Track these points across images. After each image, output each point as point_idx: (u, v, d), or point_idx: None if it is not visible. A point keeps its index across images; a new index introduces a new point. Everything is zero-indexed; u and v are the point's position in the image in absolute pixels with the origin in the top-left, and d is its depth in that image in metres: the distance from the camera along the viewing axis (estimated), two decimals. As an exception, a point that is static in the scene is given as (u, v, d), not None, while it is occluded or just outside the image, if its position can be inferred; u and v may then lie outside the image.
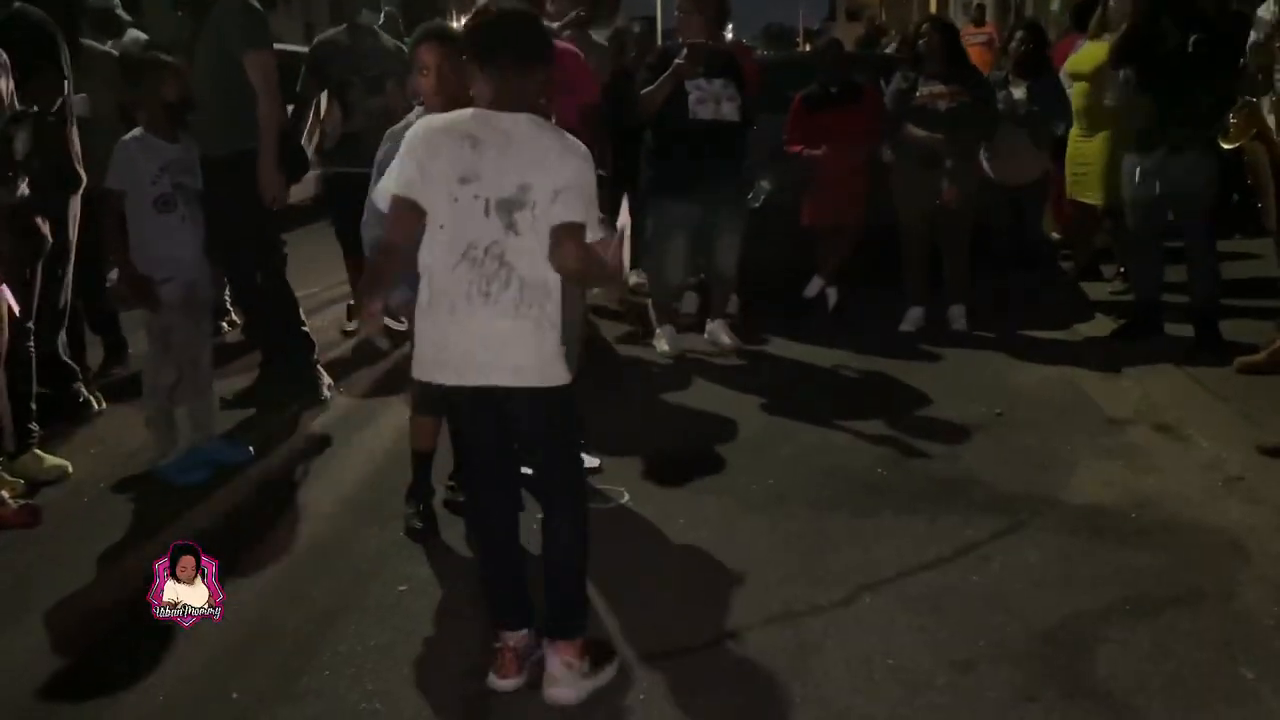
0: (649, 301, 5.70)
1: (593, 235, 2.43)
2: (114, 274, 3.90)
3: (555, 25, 5.94)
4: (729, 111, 5.12)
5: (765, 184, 5.50)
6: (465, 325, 2.39)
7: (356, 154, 4.62)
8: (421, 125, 2.47)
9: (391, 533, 3.42)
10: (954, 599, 2.98)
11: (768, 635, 2.82)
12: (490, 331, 2.38)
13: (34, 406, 3.96)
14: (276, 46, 4.57)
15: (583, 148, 2.45)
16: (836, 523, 3.48)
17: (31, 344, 3.91)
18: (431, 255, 2.41)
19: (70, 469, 3.96)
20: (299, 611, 3.01)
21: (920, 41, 5.65)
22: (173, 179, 3.78)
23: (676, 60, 5.03)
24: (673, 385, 4.99)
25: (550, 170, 2.37)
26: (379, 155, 3.13)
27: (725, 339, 5.49)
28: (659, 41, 7.66)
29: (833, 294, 6.07)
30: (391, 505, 3.54)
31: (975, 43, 10.71)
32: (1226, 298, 5.20)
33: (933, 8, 23.46)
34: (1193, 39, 4.74)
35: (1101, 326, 5.76)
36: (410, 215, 2.40)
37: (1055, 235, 7.29)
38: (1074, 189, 6.33)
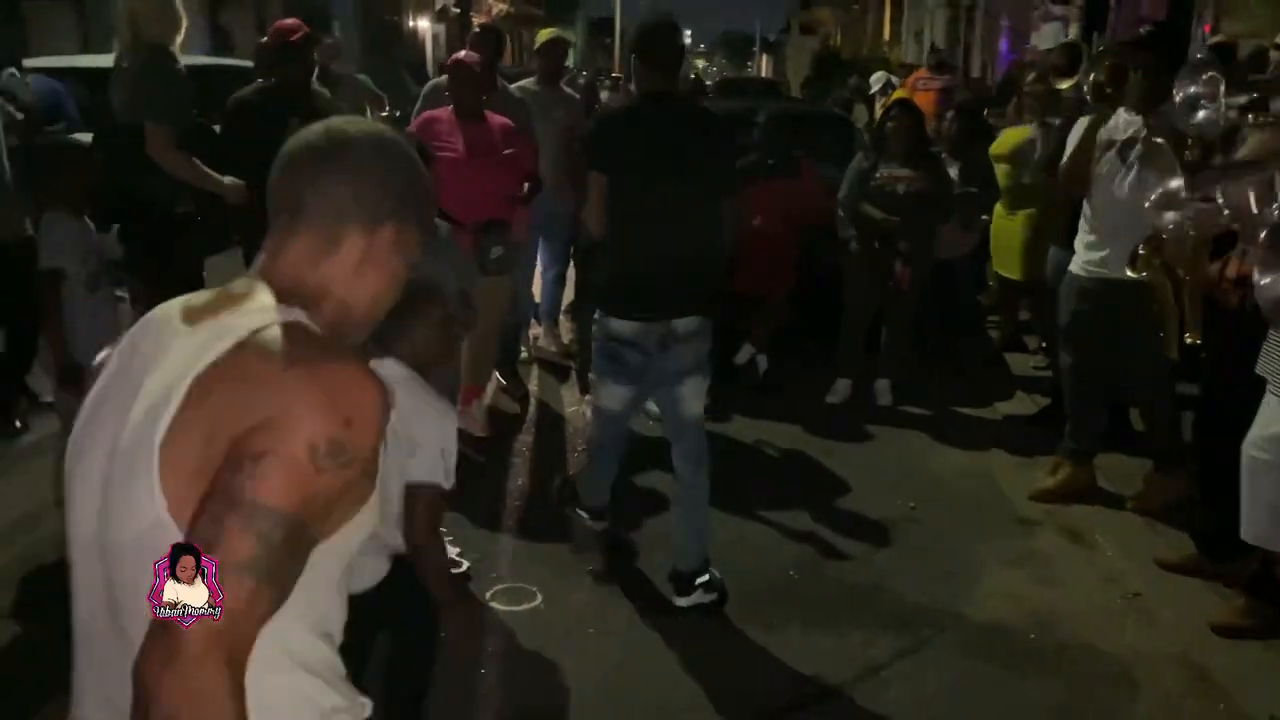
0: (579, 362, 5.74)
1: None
2: None
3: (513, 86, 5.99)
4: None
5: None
6: None
7: None
8: None
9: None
10: (851, 733, 3.06)
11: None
12: None
13: None
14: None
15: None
16: (744, 637, 3.53)
17: None
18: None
19: None
20: None
21: (888, 124, 5.72)
22: (98, 259, 3.74)
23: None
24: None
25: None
26: None
27: (654, 408, 5.52)
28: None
29: (762, 361, 6.14)
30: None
31: (930, 89, 10.68)
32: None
33: (885, 34, 23.79)
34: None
35: (1021, 404, 5.91)
36: None
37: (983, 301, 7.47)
38: (996, 264, 6.51)
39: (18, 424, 5.01)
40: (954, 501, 4.68)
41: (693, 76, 18.64)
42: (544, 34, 6.51)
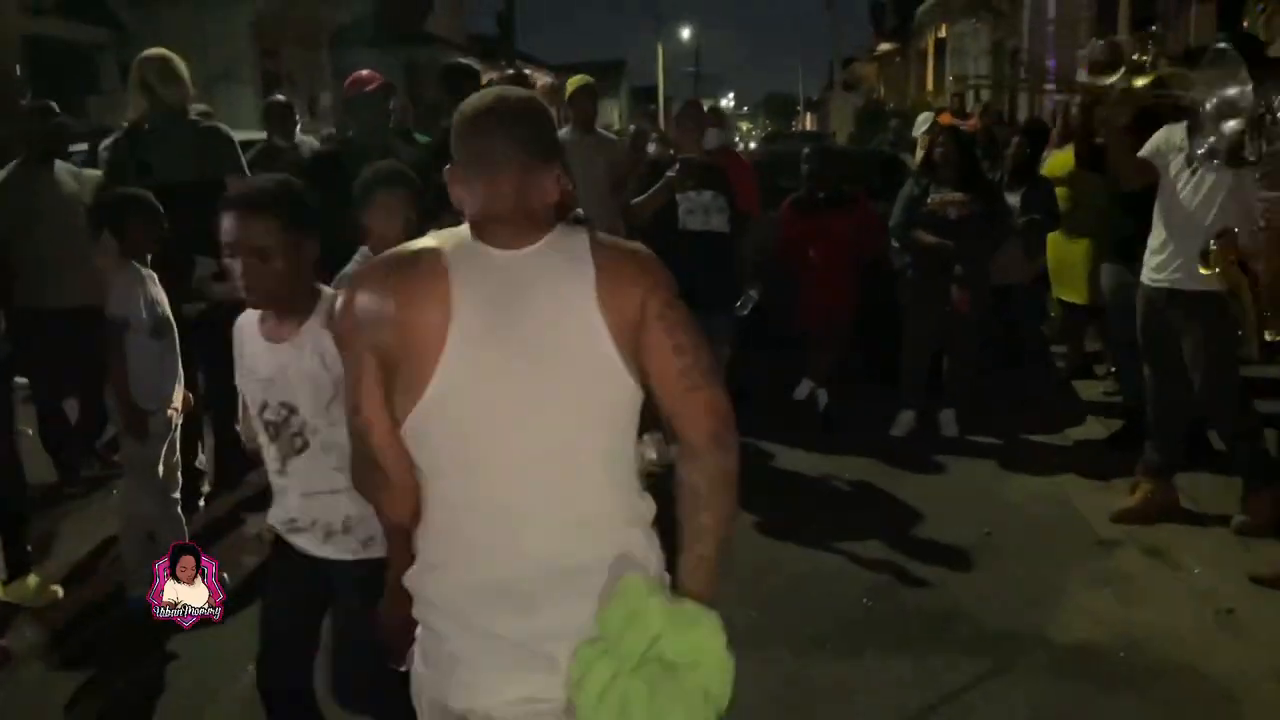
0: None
1: None
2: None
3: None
4: (718, 223, 5.14)
5: (754, 293, 5.52)
6: None
7: None
8: None
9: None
10: (937, 758, 2.93)
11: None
12: None
13: (29, 532, 4.00)
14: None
15: None
16: (820, 666, 3.41)
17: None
18: None
19: (61, 593, 3.94)
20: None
21: (936, 150, 5.68)
22: (160, 307, 3.80)
23: (668, 173, 5.06)
24: (661, 496, 4.93)
25: None
26: None
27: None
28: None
29: (823, 396, 6.05)
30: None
31: None
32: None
33: (928, 84, 23.82)
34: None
35: (1092, 430, 5.75)
36: None
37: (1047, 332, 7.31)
38: (1058, 290, 6.37)
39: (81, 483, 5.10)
40: (1030, 525, 4.53)
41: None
42: (573, 82, 6.18)
